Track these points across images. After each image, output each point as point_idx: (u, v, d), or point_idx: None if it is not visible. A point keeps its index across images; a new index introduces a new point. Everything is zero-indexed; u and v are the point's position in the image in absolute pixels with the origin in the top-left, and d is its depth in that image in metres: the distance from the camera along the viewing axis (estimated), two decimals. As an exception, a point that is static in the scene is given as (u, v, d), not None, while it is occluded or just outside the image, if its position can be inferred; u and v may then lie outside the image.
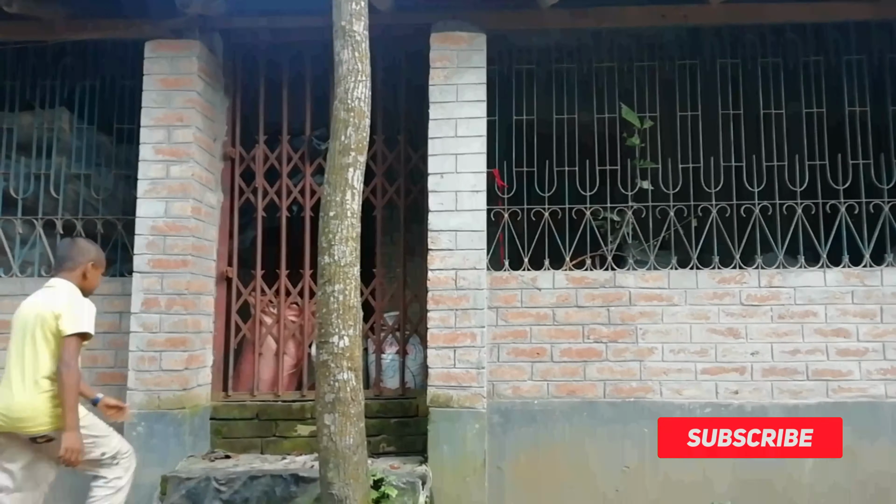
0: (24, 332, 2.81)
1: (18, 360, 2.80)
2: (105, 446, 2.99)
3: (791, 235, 4.01)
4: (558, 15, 3.98)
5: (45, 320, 2.79)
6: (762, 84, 4.18)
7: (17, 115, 4.36)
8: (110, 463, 3.01)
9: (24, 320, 2.84)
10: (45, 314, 2.79)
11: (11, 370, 2.80)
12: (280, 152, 4.32)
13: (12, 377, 2.79)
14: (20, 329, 2.84)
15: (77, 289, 2.95)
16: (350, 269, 2.98)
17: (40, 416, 2.75)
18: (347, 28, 3.09)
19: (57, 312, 2.79)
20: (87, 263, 3.02)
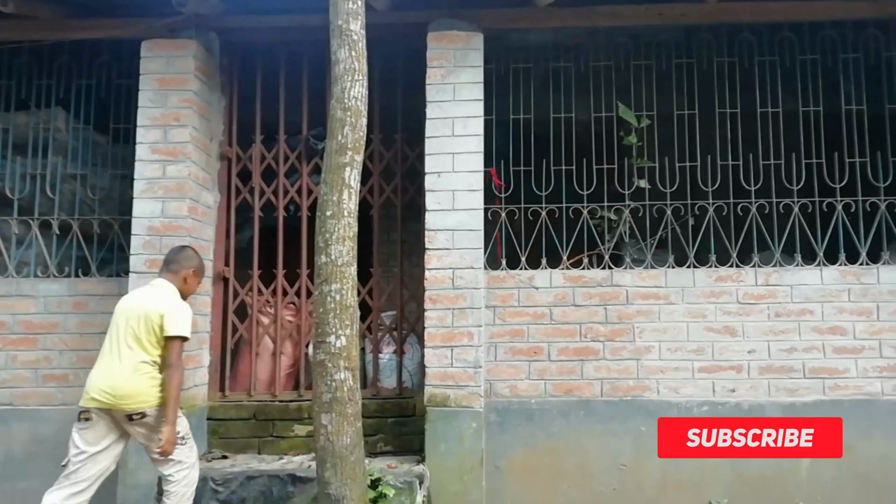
0: (126, 323, 3.12)
1: (119, 346, 3.09)
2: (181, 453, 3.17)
3: (788, 234, 4.01)
4: (555, 13, 3.98)
5: (148, 317, 3.09)
6: (759, 82, 4.19)
7: (13, 114, 4.36)
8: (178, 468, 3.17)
9: (128, 313, 3.14)
10: (150, 311, 3.10)
11: (113, 354, 3.09)
12: (277, 152, 4.32)
13: (114, 360, 3.07)
14: (123, 320, 3.14)
15: (177, 291, 3.24)
16: (347, 268, 2.97)
17: (140, 395, 3.03)
18: (344, 27, 3.08)
19: (161, 312, 3.09)
20: (190, 270, 3.31)
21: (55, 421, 3.95)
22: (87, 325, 4.03)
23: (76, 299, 4.05)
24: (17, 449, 3.94)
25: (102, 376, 3.06)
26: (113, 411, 3.04)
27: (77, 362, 4.00)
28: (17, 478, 3.92)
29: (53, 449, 3.91)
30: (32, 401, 3.98)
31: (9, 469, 3.93)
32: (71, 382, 3.99)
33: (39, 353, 4.02)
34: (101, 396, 3.03)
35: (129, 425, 3.07)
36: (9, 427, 3.96)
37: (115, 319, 3.18)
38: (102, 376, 3.06)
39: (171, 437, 3.06)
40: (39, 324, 4.03)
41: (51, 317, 4.04)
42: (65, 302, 4.05)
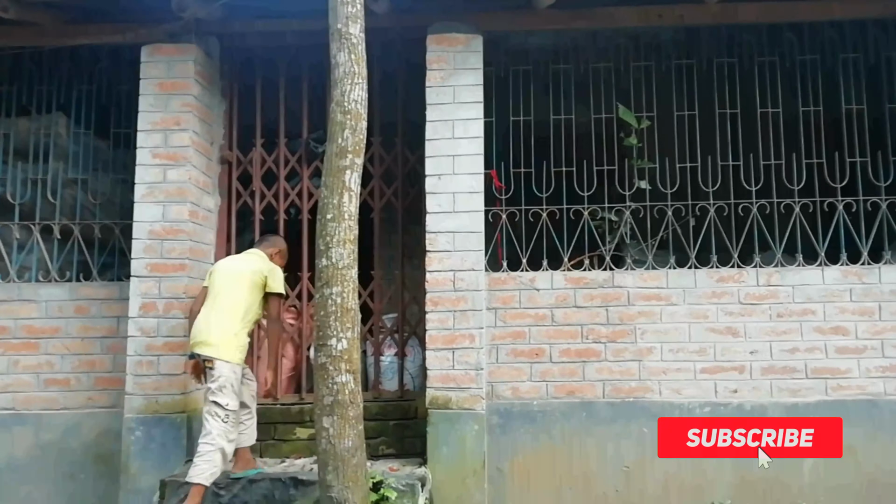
0: (230, 279, 3.45)
1: (221, 300, 3.42)
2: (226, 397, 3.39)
3: (789, 234, 4.01)
4: (555, 16, 3.99)
5: (255, 274, 3.47)
6: (759, 83, 4.19)
7: (14, 120, 4.37)
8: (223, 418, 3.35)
9: (231, 272, 3.50)
10: (256, 270, 3.48)
11: (213, 308, 3.41)
12: (277, 155, 4.32)
13: (212, 310, 3.41)
14: (227, 277, 3.47)
15: (266, 258, 3.62)
16: (348, 271, 2.97)
17: (219, 346, 3.33)
18: (344, 31, 3.08)
19: (265, 273, 3.50)
20: (277, 250, 3.74)
21: (58, 426, 3.96)
22: (88, 329, 4.04)
23: (78, 304, 4.06)
24: (20, 454, 3.95)
25: (204, 323, 3.40)
26: (200, 356, 3.35)
27: (79, 366, 4.01)
28: (20, 483, 3.93)
29: (56, 454, 3.94)
30: (35, 405, 3.98)
31: (12, 474, 3.93)
32: (73, 387, 4.00)
33: (41, 358, 4.02)
34: (200, 343, 3.37)
35: (203, 370, 3.38)
36: (11, 432, 3.96)
37: (216, 279, 3.50)
38: (204, 323, 3.40)
39: (272, 380, 3.50)
40: (41, 328, 4.04)
41: (52, 321, 4.04)
42: (66, 306, 4.06)
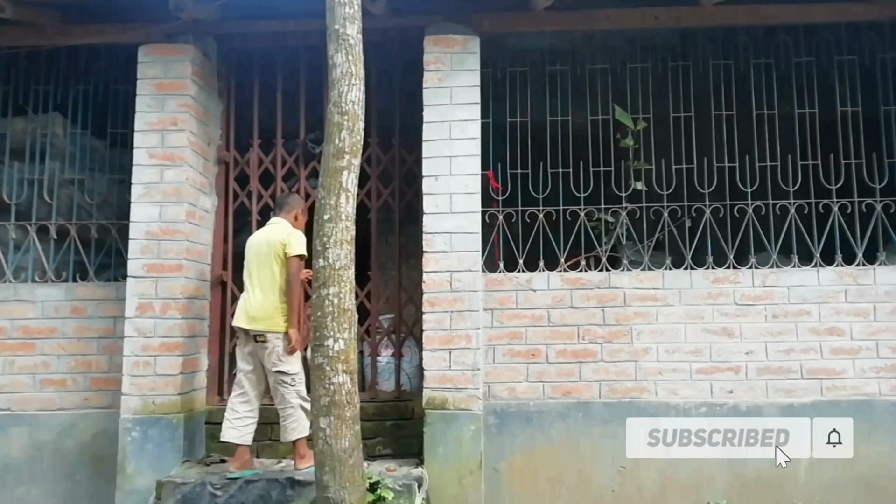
0: (258, 256, 3.62)
1: (256, 277, 3.61)
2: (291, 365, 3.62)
3: (784, 235, 4.03)
4: (552, 17, 4.00)
5: (274, 246, 3.59)
6: (755, 85, 4.21)
7: (10, 120, 4.36)
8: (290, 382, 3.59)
9: (258, 248, 3.64)
10: (274, 242, 3.59)
11: (251, 285, 3.62)
12: (274, 156, 4.33)
13: (252, 289, 3.61)
14: (255, 255, 3.64)
15: (287, 223, 3.72)
16: (345, 272, 2.97)
17: (266, 320, 3.53)
18: (341, 31, 3.08)
19: (283, 241, 3.59)
20: (298, 209, 3.81)
21: (54, 426, 3.96)
22: (85, 329, 4.03)
23: (74, 304, 4.06)
24: (16, 454, 3.94)
25: (246, 302, 3.61)
26: (250, 332, 3.55)
27: (75, 367, 4.01)
28: (16, 483, 3.92)
29: (52, 455, 3.94)
30: (31, 406, 3.97)
31: (7, 475, 3.92)
32: (69, 387, 3.99)
33: (38, 358, 4.01)
34: (240, 318, 3.60)
35: (255, 346, 3.57)
36: (7, 432, 3.95)
37: (248, 257, 3.68)
38: (246, 302, 3.61)
39: (295, 337, 3.55)
40: (37, 329, 4.03)
41: (49, 321, 4.04)
42: (63, 307, 4.05)
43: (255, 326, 3.56)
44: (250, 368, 3.63)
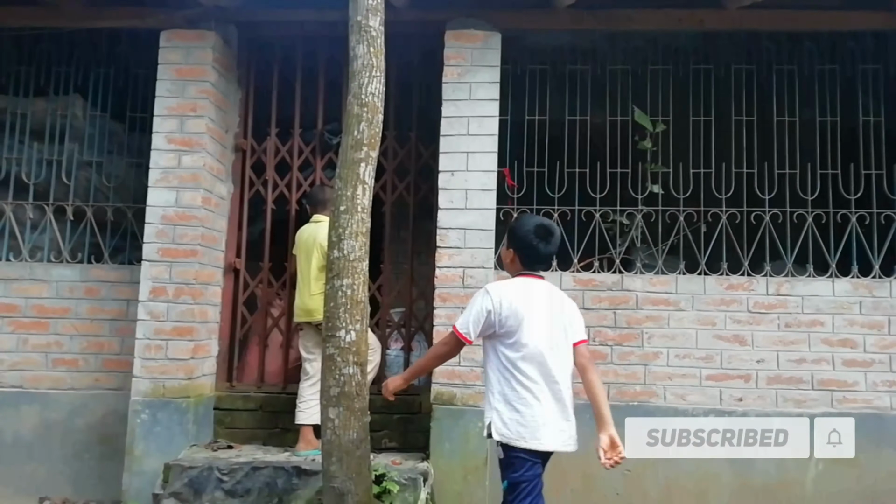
0: (307, 253, 3.82)
1: (308, 272, 3.81)
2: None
3: (800, 244, 3.99)
4: (574, 16, 3.98)
5: (319, 243, 3.72)
6: (776, 91, 4.17)
7: (32, 100, 4.38)
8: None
9: (307, 245, 3.84)
10: (320, 238, 3.71)
11: (302, 278, 3.84)
12: (291, 145, 4.33)
13: (302, 284, 3.82)
14: (305, 252, 3.85)
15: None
16: (359, 263, 2.98)
17: (321, 309, 3.43)
18: (363, 23, 3.08)
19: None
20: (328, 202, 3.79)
21: (64, 405, 4.00)
22: (98, 311, 4.06)
23: (88, 285, 4.09)
24: (26, 431, 3.98)
25: (298, 298, 3.83)
26: (312, 323, 3.73)
27: (87, 347, 4.04)
28: (26, 460, 3.96)
29: (62, 433, 3.98)
30: (43, 384, 4.01)
31: (17, 451, 3.96)
32: (80, 367, 4.03)
33: (50, 338, 4.05)
34: (298, 313, 3.82)
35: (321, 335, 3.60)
36: (19, 410, 3.99)
37: (298, 255, 3.91)
38: (298, 298, 3.83)
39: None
40: (51, 308, 4.07)
41: (63, 301, 4.07)
42: (77, 287, 4.08)
43: (313, 318, 3.71)
44: (314, 357, 3.75)
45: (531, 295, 2.56)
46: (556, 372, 2.52)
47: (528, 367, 2.49)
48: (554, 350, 2.53)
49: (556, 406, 2.53)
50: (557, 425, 2.52)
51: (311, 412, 3.69)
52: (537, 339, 2.50)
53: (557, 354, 2.54)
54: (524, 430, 2.46)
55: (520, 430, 2.47)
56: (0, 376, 4.01)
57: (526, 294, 2.55)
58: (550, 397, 2.52)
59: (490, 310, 2.51)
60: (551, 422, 2.51)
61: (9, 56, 4.42)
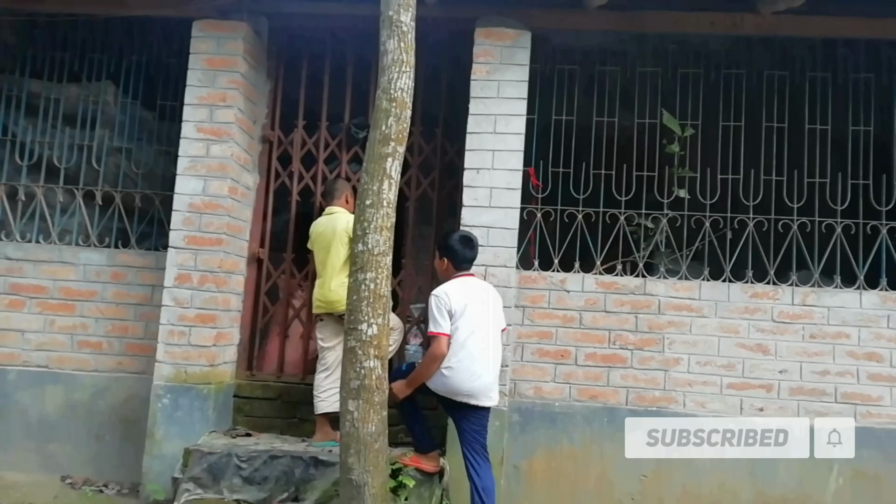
0: (326, 245, 3.82)
1: (326, 264, 3.81)
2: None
3: (828, 254, 3.93)
4: (605, 17, 3.95)
5: (339, 234, 3.77)
6: (809, 98, 4.10)
7: (65, 86, 4.45)
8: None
9: (324, 237, 3.85)
10: (339, 230, 3.78)
11: (323, 271, 3.83)
12: (318, 138, 4.36)
13: (325, 275, 3.81)
14: (323, 244, 3.84)
15: (346, 211, 3.89)
16: (383, 258, 2.99)
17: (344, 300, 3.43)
18: (395, 18, 3.08)
19: (346, 228, 3.73)
20: (346, 192, 3.99)
21: (88, 387, 4.06)
22: (123, 295, 4.12)
23: (115, 270, 4.15)
24: (50, 411, 4.05)
25: (319, 290, 3.83)
26: (333, 314, 3.74)
27: (112, 331, 4.10)
28: (49, 439, 4.03)
29: (85, 414, 4.04)
30: (67, 365, 4.08)
31: (41, 430, 4.04)
32: (105, 350, 4.09)
33: (76, 320, 4.12)
34: (319, 305, 3.81)
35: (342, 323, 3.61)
36: (43, 389, 4.07)
37: (316, 244, 3.91)
38: (319, 290, 3.83)
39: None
40: (78, 291, 4.14)
41: (89, 285, 4.14)
42: (104, 271, 4.15)
43: (335, 309, 3.72)
44: (331, 345, 3.80)
45: (469, 289, 3.29)
46: (489, 345, 3.25)
47: (470, 341, 3.18)
48: (487, 329, 3.25)
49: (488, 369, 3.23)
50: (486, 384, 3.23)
51: (329, 401, 3.72)
52: (476, 322, 3.21)
53: (489, 332, 3.27)
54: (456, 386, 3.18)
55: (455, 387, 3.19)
56: (27, 356, 4.09)
57: (465, 289, 3.28)
58: (483, 364, 3.20)
59: (447, 306, 3.20)
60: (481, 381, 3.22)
61: (44, 42, 4.49)
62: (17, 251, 4.18)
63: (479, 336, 3.20)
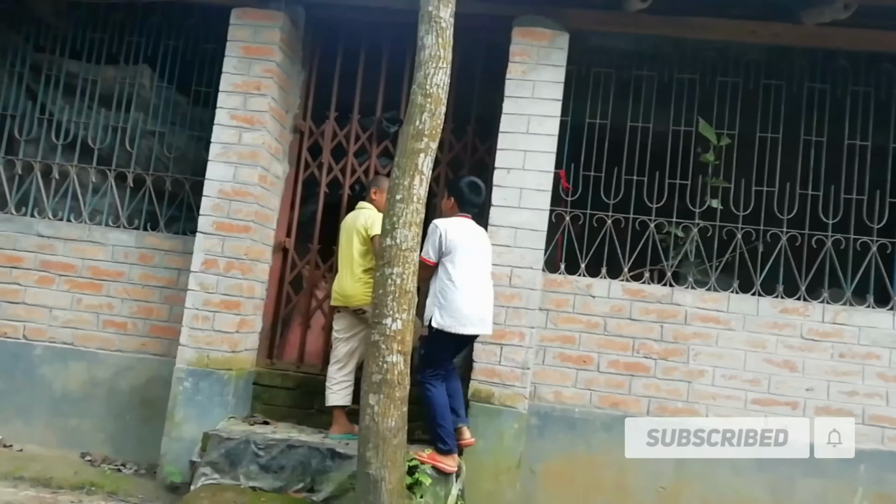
0: (346, 239, 3.85)
1: (344, 258, 3.83)
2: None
3: (862, 273, 3.85)
4: (644, 20, 3.90)
5: (358, 229, 3.79)
6: (850, 113, 4.02)
7: (103, 67, 4.50)
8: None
9: (346, 231, 3.88)
10: (359, 226, 3.79)
11: (342, 265, 3.84)
12: (349, 130, 4.36)
13: (343, 269, 3.83)
14: (344, 238, 3.88)
15: (373, 207, 3.87)
16: (410, 253, 2.98)
17: (359, 296, 3.72)
18: (434, 13, 3.07)
19: (366, 224, 3.77)
20: (374, 188, 3.95)
21: (111, 365, 4.11)
22: (150, 277, 4.16)
23: (142, 251, 4.19)
24: (73, 387, 4.10)
25: (337, 283, 3.85)
26: (349, 308, 3.76)
27: (137, 312, 4.14)
28: (71, 415, 4.09)
29: (106, 392, 4.09)
30: (92, 343, 4.13)
31: (64, 406, 4.09)
32: (129, 330, 4.13)
33: (103, 299, 4.16)
34: (336, 297, 3.83)
35: (358, 318, 3.77)
36: (67, 366, 4.12)
37: (341, 238, 3.94)
38: (337, 283, 3.85)
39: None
40: (106, 271, 4.18)
41: (117, 265, 4.18)
42: (132, 253, 4.19)
43: (350, 303, 3.75)
44: (344, 338, 3.82)
45: (464, 229, 3.49)
46: (478, 280, 3.46)
47: (458, 276, 3.38)
48: (477, 266, 3.47)
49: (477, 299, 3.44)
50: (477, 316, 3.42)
51: (340, 394, 3.75)
52: (467, 259, 3.42)
53: (479, 270, 3.49)
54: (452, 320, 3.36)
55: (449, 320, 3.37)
56: (53, 332, 4.14)
57: (461, 227, 3.48)
58: (473, 296, 3.41)
59: (441, 236, 3.41)
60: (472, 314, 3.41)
61: (84, 23, 4.54)
62: (48, 228, 4.24)
63: (469, 269, 3.42)
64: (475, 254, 3.47)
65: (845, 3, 3.58)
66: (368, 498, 2.88)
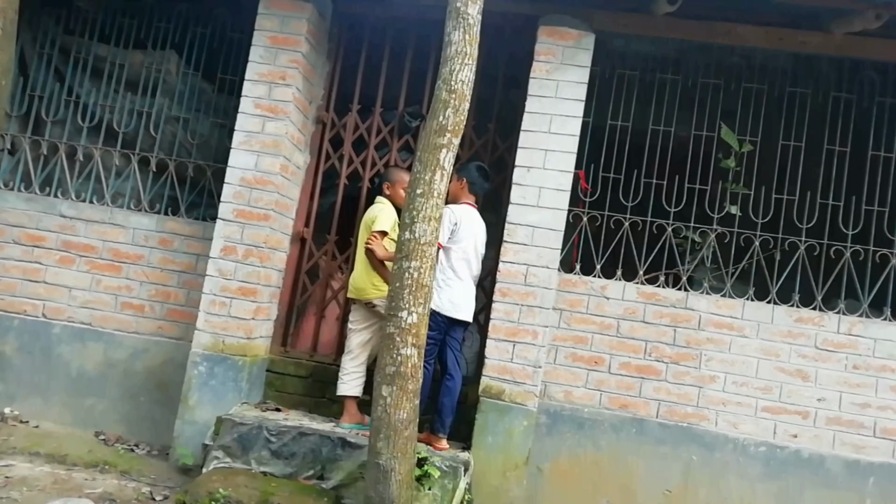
0: (362, 233, 3.92)
1: (357, 251, 3.96)
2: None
3: (880, 286, 3.82)
4: (671, 24, 3.89)
5: (367, 223, 3.89)
6: (876, 124, 3.99)
7: (130, 52, 4.55)
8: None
9: (364, 225, 3.95)
10: (368, 219, 3.90)
11: (357, 258, 3.95)
12: (371, 123, 4.38)
13: (357, 262, 3.94)
14: (361, 231, 3.95)
15: (388, 202, 3.95)
16: (429, 248, 2.99)
17: (369, 289, 3.82)
18: (462, 9, 3.08)
19: (373, 218, 3.87)
20: (384, 184, 4.02)
21: (127, 347, 4.17)
22: (169, 261, 4.21)
23: (162, 236, 4.24)
24: (90, 367, 4.17)
25: (352, 276, 3.95)
26: (361, 300, 3.85)
27: (155, 295, 4.20)
28: (86, 394, 4.15)
29: (122, 373, 4.15)
30: (109, 325, 4.19)
31: (80, 385, 4.16)
32: (146, 313, 4.19)
33: (122, 281, 4.22)
34: (350, 290, 3.92)
35: (370, 310, 3.84)
36: (85, 345, 4.19)
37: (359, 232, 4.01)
38: (352, 276, 3.95)
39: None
40: (126, 253, 4.24)
41: (137, 248, 4.24)
42: (152, 237, 4.24)
43: (360, 296, 3.83)
44: (357, 329, 3.88)
45: (471, 217, 3.76)
46: (473, 271, 3.76)
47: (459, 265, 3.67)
48: (474, 258, 3.75)
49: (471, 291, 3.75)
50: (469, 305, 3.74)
51: (350, 385, 3.80)
52: (469, 249, 3.70)
53: (475, 261, 3.77)
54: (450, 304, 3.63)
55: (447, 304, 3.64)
56: (72, 312, 4.21)
57: (469, 216, 3.74)
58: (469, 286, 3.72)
59: (455, 222, 3.67)
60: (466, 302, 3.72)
61: (114, 8, 4.59)
62: (70, 209, 4.30)
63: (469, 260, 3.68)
64: (476, 243, 3.72)
65: (877, 13, 3.55)
66: (378, 487, 2.91)
